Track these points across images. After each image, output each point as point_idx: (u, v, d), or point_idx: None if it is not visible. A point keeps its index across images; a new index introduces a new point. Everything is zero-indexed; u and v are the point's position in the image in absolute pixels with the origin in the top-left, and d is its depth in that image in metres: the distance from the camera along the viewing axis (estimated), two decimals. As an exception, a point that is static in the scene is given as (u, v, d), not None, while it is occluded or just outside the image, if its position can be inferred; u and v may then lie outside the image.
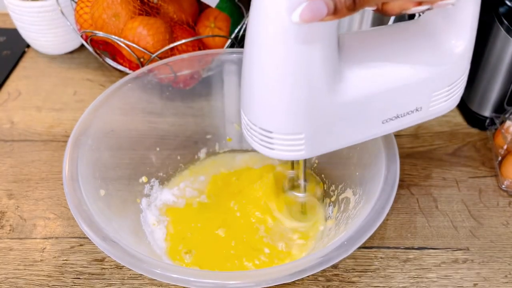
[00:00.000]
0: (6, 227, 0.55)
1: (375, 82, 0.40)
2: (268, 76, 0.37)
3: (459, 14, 0.40)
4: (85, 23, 0.70)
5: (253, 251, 0.52)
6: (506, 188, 0.59)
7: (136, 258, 0.40)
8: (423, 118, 0.44)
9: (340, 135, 0.41)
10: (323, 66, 0.36)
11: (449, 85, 0.43)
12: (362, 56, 0.40)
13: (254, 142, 0.42)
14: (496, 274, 0.51)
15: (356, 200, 0.49)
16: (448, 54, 0.41)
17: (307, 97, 0.37)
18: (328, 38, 0.35)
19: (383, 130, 0.43)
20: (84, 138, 0.49)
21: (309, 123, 0.39)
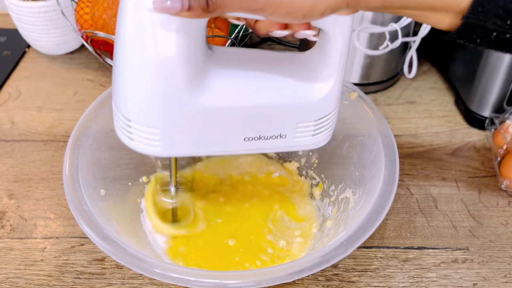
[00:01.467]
0: (6, 227, 0.55)
1: (239, 94, 0.40)
2: (126, 60, 0.37)
3: (329, 54, 0.40)
4: (85, 23, 0.70)
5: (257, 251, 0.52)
6: (505, 188, 0.59)
7: (136, 257, 0.40)
8: (289, 147, 0.44)
9: (200, 142, 0.41)
10: (184, 60, 0.36)
11: (315, 120, 0.43)
12: (232, 66, 0.40)
13: (118, 130, 0.42)
14: (495, 273, 0.51)
15: (355, 200, 0.50)
16: (315, 91, 0.42)
17: (164, 90, 0.37)
18: (193, 31, 0.35)
19: (245, 148, 0.43)
20: (84, 138, 0.49)
21: (165, 119, 0.39)
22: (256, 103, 0.41)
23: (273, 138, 0.43)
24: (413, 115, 0.70)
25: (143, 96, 0.38)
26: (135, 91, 0.38)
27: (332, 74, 0.41)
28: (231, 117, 0.40)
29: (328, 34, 0.39)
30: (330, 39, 0.39)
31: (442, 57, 0.76)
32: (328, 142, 0.46)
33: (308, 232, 0.54)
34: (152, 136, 0.40)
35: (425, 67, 0.78)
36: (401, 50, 0.71)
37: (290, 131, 0.43)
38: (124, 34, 0.36)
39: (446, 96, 0.73)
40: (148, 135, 0.40)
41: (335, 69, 0.41)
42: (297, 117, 0.42)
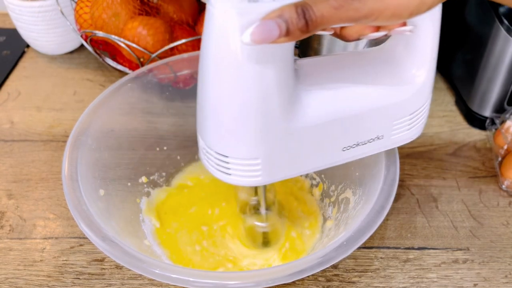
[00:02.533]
0: (6, 227, 0.55)
1: (333, 108, 0.39)
2: (220, 98, 0.35)
3: (419, 44, 0.39)
4: (85, 23, 0.70)
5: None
6: (506, 188, 0.59)
7: (135, 258, 0.40)
8: (386, 146, 0.43)
9: (299, 161, 0.40)
10: (278, 89, 0.35)
11: (410, 114, 0.42)
12: (320, 80, 0.39)
13: (210, 167, 0.40)
14: (496, 274, 0.51)
15: (356, 200, 0.49)
16: (409, 84, 0.40)
17: (262, 121, 0.36)
18: (283, 60, 0.34)
19: (344, 158, 0.42)
20: (83, 138, 0.49)
21: (265, 148, 0.37)
22: (351, 112, 0.39)
23: (371, 141, 0.42)
24: (414, 115, 0.70)
25: (242, 132, 0.36)
26: (233, 128, 0.36)
27: (424, 66, 0.40)
28: (328, 132, 0.39)
29: (418, 25, 0.37)
30: (420, 29, 0.37)
31: (443, 57, 0.76)
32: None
33: (315, 224, 0.54)
34: (253, 167, 0.38)
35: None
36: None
37: (387, 130, 0.42)
38: (215, 73, 0.34)
39: (447, 96, 0.73)
40: (248, 167, 0.38)
41: (427, 60, 0.39)
42: (393, 115, 0.41)
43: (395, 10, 0.31)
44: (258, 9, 0.31)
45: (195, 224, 0.55)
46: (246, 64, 0.33)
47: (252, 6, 0.31)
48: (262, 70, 0.33)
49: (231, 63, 0.33)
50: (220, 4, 0.31)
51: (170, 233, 0.54)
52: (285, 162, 0.39)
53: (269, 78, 0.34)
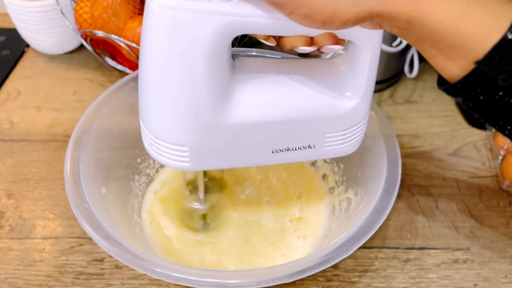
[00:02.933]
0: (5, 227, 0.55)
1: (266, 110, 0.39)
2: (153, 84, 0.37)
3: (357, 68, 0.39)
4: (84, 22, 0.70)
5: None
6: (506, 188, 0.59)
7: (136, 256, 0.40)
8: (318, 156, 0.44)
9: (228, 156, 0.41)
10: (208, 81, 0.36)
11: (344, 130, 0.42)
12: (257, 80, 0.40)
13: (146, 145, 0.42)
14: (496, 274, 0.51)
15: (357, 201, 0.49)
16: (344, 102, 0.41)
17: (190, 110, 0.37)
18: (216, 54, 0.35)
19: (274, 159, 0.43)
20: (86, 137, 0.49)
21: (193, 137, 0.39)
22: (283, 118, 0.40)
23: (301, 149, 0.43)
24: (414, 115, 0.70)
25: (170, 115, 0.38)
26: (162, 111, 0.38)
27: (361, 86, 0.40)
28: (258, 132, 0.40)
29: (357, 46, 0.38)
30: (360, 51, 0.38)
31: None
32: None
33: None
34: (181, 153, 0.40)
35: (426, 66, 0.78)
36: (401, 49, 0.70)
37: (318, 141, 0.43)
38: (150, 54, 0.36)
39: (447, 96, 0.73)
40: (177, 152, 0.40)
41: (364, 81, 0.40)
42: (326, 128, 0.42)
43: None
44: (191, 6, 0.33)
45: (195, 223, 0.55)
46: (176, 56, 0.35)
47: (186, 3, 0.33)
48: (191, 63, 0.35)
49: (163, 53, 0.35)
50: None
51: (170, 233, 0.54)
52: (213, 154, 0.41)
53: (198, 71, 0.35)
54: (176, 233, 0.53)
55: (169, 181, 0.59)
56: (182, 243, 0.53)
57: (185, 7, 0.33)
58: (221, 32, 0.34)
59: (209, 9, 0.33)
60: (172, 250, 0.52)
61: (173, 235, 0.53)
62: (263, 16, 0.34)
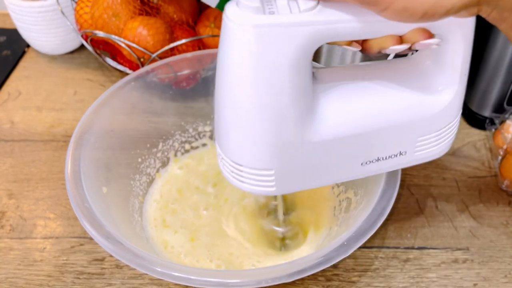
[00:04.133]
0: (6, 227, 0.55)
1: (352, 122, 0.37)
2: (235, 108, 0.35)
3: (449, 59, 0.37)
4: (85, 23, 0.70)
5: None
6: (506, 188, 0.59)
7: (137, 256, 0.40)
8: (409, 162, 0.41)
9: (315, 174, 0.39)
10: (294, 100, 0.34)
11: (436, 131, 0.40)
12: (340, 93, 0.37)
13: (226, 173, 0.40)
14: (496, 274, 0.51)
15: (357, 201, 0.50)
16: (436, 100, 0.38)
17: (277, 133, 0.35)
18: (300, 70, 0.33)
19: (363, 172, 0.41)
20: (86, 137, 0.49)
21: (280, 160, 0.37)
22: (372, 127, 0.37)
23: (392, 157, 0.40)
24: (413, 115, 0.70)
25: (255, 140, 0.36)
26: (246, 136, 0.36)
27: (453, 82, 0.38)
28: (347, 146, 0.38)
29: (447, 39, 0.35)
30: (451, 43, 0.35)
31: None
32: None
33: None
34: (267, 177, 0.38)
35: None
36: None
37: (410, 147, 0.40)
38: (232, 76, 0.34)
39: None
40: (262, 178, 0.38)
41: (457, 76, 0.37)
42: (418, 132, 0.39)
43: (408, 2, 0.29)
44: (274, 21, 0.31)
45: (195, 222, 0.55)
46: (261, 75, 0.33)
47: (268, 18, 0.31)
48: (277, 81, 0.33)
49: (247, 74, 0.33)
50: (236, 17, 0.31)
51: (170, 232, 0.54)
52: (300, 175, 0.39)
53: (284, 89, 0.33)
54: (177, 231, 0.54)
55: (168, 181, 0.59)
56: (183, 241, 0.53)
57: (266, 23, 0.31)
58: (306, 44, 0.32)
59: (291, 21, 0.31)
60: (174, 249, 0.52)
61: (174, 233, 0.53)
62: (349, 20, 0.32)
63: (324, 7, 0.32)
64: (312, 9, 0.31)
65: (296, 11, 0.31)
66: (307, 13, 0.31)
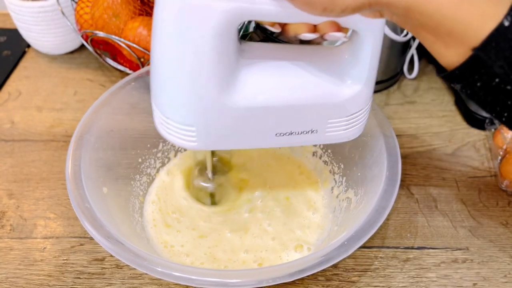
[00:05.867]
0: (6, 227, 0.55)
1: (270, 94, 0.41)
2: (162, 62, 0.38)
3: (360, 55, 0.40)
4: (85, 23, 0.70)
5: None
6: (505, 188, 0.59)
7: (137, 256, 0.40)
8: (321, 140, 0.45)
9: (234, 137, 0.43)
10: (214, 64, 0.37)
11: (346, 116, 0.43)
12: (262, 66, 0.41)
13: (157, 125, 0.43)
14: (495, 273, 0.51)
15: (357, 201, 0.50)
16: (346, 89, 0.42)
17: (197, 91, 0.38)
18: (223, 40, 0.36)
19: (277, 142, 0.44)
20: (87, 137, 0.49)
21: (200, 118, 0.40)
22: (287, 102, 0.41)
23: (304, 133, 0.44)
24: (413, 115, 0.70)
25: (179, 96, 0.39)
26: (171, 92, 0.40)
27: (362, 74, 0.41)
28: (263, 115, 0.41)
29: (359, 35, 0.39)
30: (362, 39, 0.39)
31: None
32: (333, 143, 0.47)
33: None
34: (189, 132, 0.41)
35: (425, 67, 0.78)
36: (401, 49, 0.71)
37: (321, 126, 0.44)
38: (160, 39, 0.37)
39: (446, 96, 0.73)
40: (185, 132, 0.41)
41: (366, 69, 0.41)
42: (328, 114, 0.43)
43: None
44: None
45: (194, 222, 0.55)
46: (186, 43, 0.36)
47: None
48: (200, 50, 0.36)
49: (173, 37, 0.36)
50: None
51: (171, 232, 0.54)
52: (220, 135, 0.42)
53: (206, 57, 0.37)
54: (177, 230, 0.54)
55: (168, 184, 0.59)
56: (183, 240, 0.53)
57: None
58: (228, 18, 0.35)
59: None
60: (174, 249, 0.52)
61: (174, 233, 0.53)
62: (268, 3, 0.35)
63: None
64: None
65: None
66: None
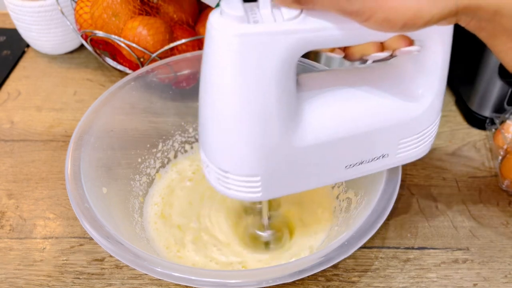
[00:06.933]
0: (6, 227, 0.55)
1: (336, 127, 0.38)
2: (221, 115, 0.35)
3: (428, 64, 0.38)
4: (85, 23, 0.70)
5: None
6: (506, 188, 0.59)
7: (137, 256, 0.40)
8: (391, 164, 0.43)
9: (300, 178, 0.40)
10: (278, 106, 0.35)
11: (417, 133, 0.41)
12: (324, 98, 0.38)
13: (212, 180, 0.40)
14: (496, 274, 0.51)
15: (357, 201, 0.50)
16: (417, 103, 0.39)
17: (262, 139, 0.36)
18: (284, 76, 0.34)
19: (347, 175, 0.42)
20: (86, 137, 0.49)
21: (265, 165, 0.37)
22: (355, 131, 0.38)
23: (375, 160, 0.41)
24: (413, 115, 0.70)
25: (241, 147, 0.36)
26: (232, 143, 0.36)
27: (433, 84, 0.39)
28: (331, 150, 0.39)
29: (427, 45, 0.36)
30: (431, 48, 0.36)
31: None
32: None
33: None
34: (253, 184, 0.38)
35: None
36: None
37: (392, 149, 0.41)
38: (217, 84, 0.34)
39: (447, 96, 0.73)
40: (248, 184, 0.38)
41: (436, 80, 0.38)
42: (399, 134, 0.40)
43: (389, 14, 0.30)
44: (258, 29, 0.31)
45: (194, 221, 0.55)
46: (245, 83, 0.33)
47: (252, 27, 0.31)
48: (261, 89, 0.33)
49: (231, 82, 0.33)
50: (220, 26, 0.32)
51: (171, 232, 0.54)
52: (286, 179, 0.39)
53: (268, 96, 0.34)
54: (177, 230, 0.54)
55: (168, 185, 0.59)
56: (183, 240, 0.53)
57: (250, 31, 0.31)
58: (290, 52, 0.32)
59: (275, 30, 0.31)
60: (174, 248, 0.52)
61: (174, 232, 0.53)
62: (332, 29, 0.32)
63: (307, 16, 0.32)
64: (295, 17, 0.32)
65: (280, 19, 0.32)
66: (290, 21, 0.32)
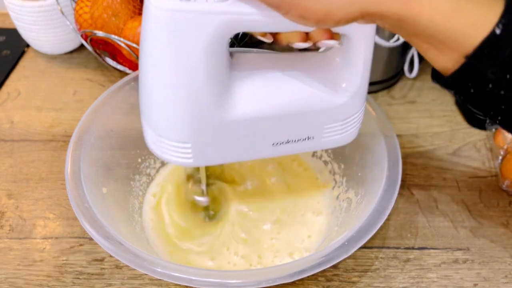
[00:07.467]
0: (5, 227, 0.55)
1: (265, 104, 0.40)
2: (155, 83, 0.38)
3: (353, 59, 0.40)
4: (84, 22, 0.70)
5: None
6: (506, 188, 0.59)
7: (137, 256, 0.40)
8: (318, 146, 0.45)
9: (230, 150, 0.42)
10: (208, 79, 0.37)
11: (342, 121, 0.43)
12: (254, 77, 0.41)
13: (150, 144, 0.43)
14: (496, 274, 0.51)
15: (358, 201, 0.49)
16: (340, 93, 0.42)
17: (191, 108, 0.38)
18: (214, 53, 0.36)
19: (275, 152, 0.44)
20: (86, 137, 0.49)
21: (196, 134, 0.40)
22: (282, 111, 0.41)
23: (301, 141, 0.44)
24: (414, 115, 0.70)
25: (172, 114, 0.39)
26: (164, 110, 0.39)
27: (356, 77, 0.41)
28: (259, 126, 0.41)
29: (351, 39, 0.39)
30: (354, 43, 0.39)
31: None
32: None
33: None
34: (184, 150, 0.41)
35: (425, 66, 0.78)
36: (401, 49, 0.70)
37: (317, 133, 0.44)
38: (150, 55, 0.37)
39: (447, 95, 0.73)
40: (180, 149, 0.41)
41: (359, 72, 0.41)
42: (324, 119, 0.43)
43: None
44: (189, 7, 0.33)
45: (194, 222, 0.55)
46: (177, 56, 0.35)
47: (184, 4, 0.33)
48: (191, 64, 0.36)
49: (163, 54, 0.36)
50: (155, 0, 0.34)
51: (171, 232, 0.54)
52: (215, 149, 0.42)
53: (198, 71, 0.36)
54: (177, 230, 0.54)
55: (167, 181, 0.59)
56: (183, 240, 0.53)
57: (182, 8, 0.34)
58: (219, 31, 0.35)
59: (206, 9, 0.34)
60: (174, 248, 0.52)
61: (174, 232, 0.53)
62: (258, 14, 0.35)
63: (237, 0, 0.34)
64: (225, 0, 0.34)
65: (211, 0, 0.34)
66: (220, 3, 0.34)
